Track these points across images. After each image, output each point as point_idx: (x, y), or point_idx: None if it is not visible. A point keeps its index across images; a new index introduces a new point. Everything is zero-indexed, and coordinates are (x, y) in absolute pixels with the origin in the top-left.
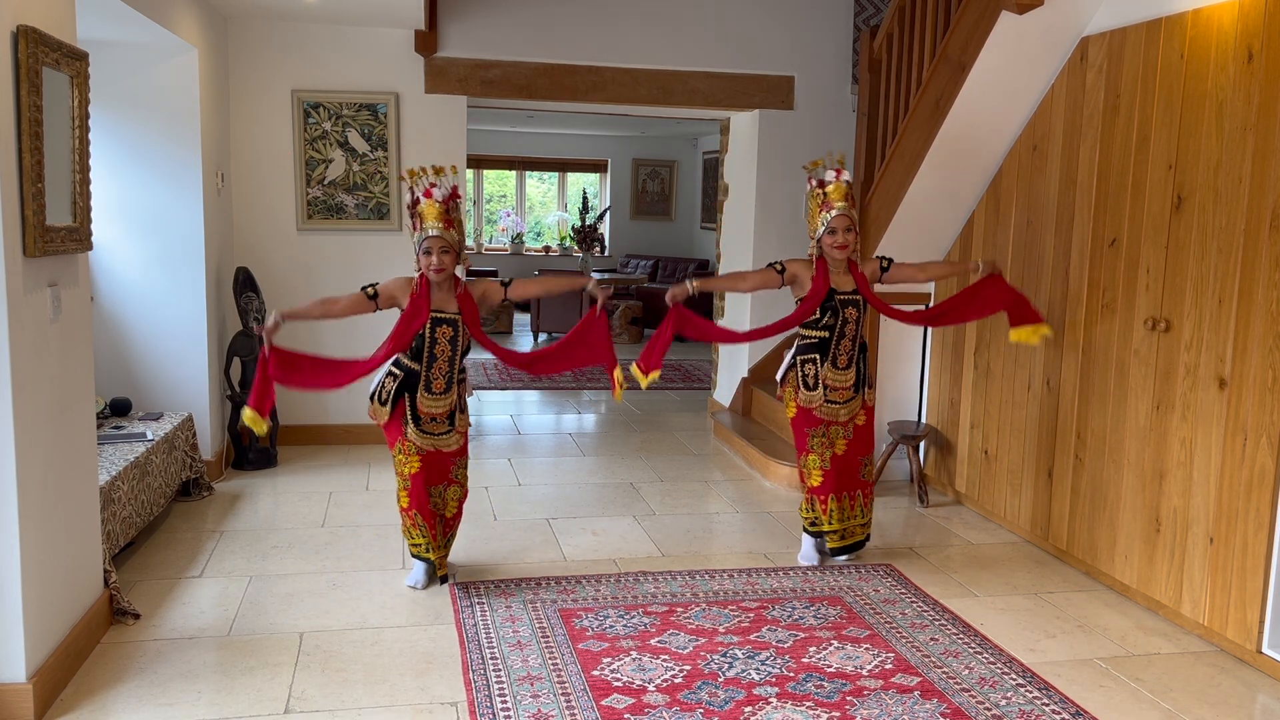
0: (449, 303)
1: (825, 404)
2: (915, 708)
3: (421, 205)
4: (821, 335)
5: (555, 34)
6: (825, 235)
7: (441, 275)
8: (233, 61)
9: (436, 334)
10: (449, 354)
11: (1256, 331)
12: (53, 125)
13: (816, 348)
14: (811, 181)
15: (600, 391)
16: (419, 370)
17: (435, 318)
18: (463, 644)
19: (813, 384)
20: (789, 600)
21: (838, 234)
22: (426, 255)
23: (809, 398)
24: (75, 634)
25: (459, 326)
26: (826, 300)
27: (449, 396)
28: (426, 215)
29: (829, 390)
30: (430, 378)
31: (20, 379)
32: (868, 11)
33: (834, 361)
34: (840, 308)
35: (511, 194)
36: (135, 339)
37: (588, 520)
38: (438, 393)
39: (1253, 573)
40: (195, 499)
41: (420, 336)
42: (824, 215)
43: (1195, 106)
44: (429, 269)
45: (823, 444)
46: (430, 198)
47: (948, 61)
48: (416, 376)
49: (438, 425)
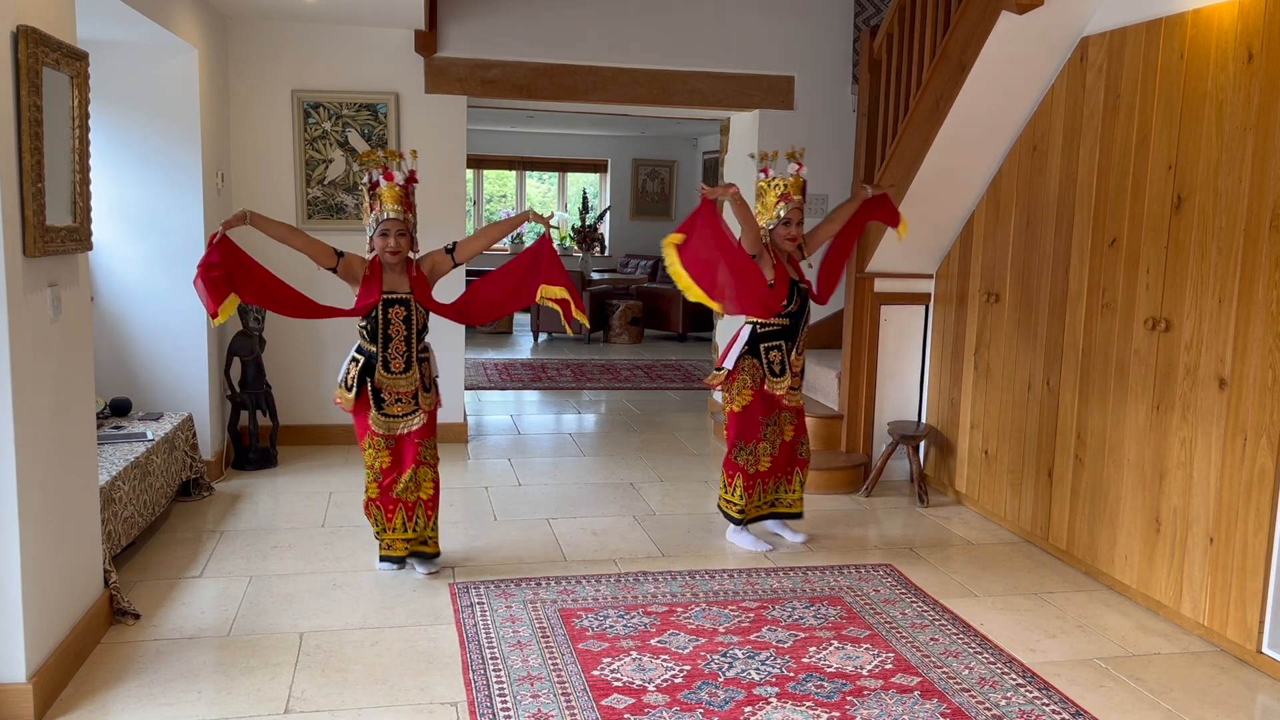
0: (401, 283)
1: (790, 391)
2: (915, 708)
3: (381, 187)
4: (782, 323)
5: (555, 34)
6: (780, 225)
7: (396, 258)
8: (233, 61)
9: (390, 314)
10: (404, 333)
11: (1256, 331)
12: (53, 125)
13: (780, 335)
14: (767, 172)
15: (600, 391)
16: (376, 352)
17: (387, 299)
18: (463, 644)
19: (779, 370)
20: (789, 600)
21: (792, 225)
22: (383, 237)
23: (776, 384)
24: (75, 634)
25: (412, 305)
26: (791, 289)
27: (410, 375)
28: (385, 198)
29: (793, 376)
30: (388, 357)
31: (20, 379)
32: (868, 11)
33: (797, 348)
34: (802, 295)
35: (511, 194)
36: (135, 339)
37: (588, 520)
38: (397, 371)
39: (1253, 573)
40: (195, 499)
41: (373, 318)
42: (782, 206)
43: (1195, 106)
44: (384, 250)
45: (774, 432)
46: (390, 180)
47: (948, 61)
48: (375, 358)
49: (402, 405)
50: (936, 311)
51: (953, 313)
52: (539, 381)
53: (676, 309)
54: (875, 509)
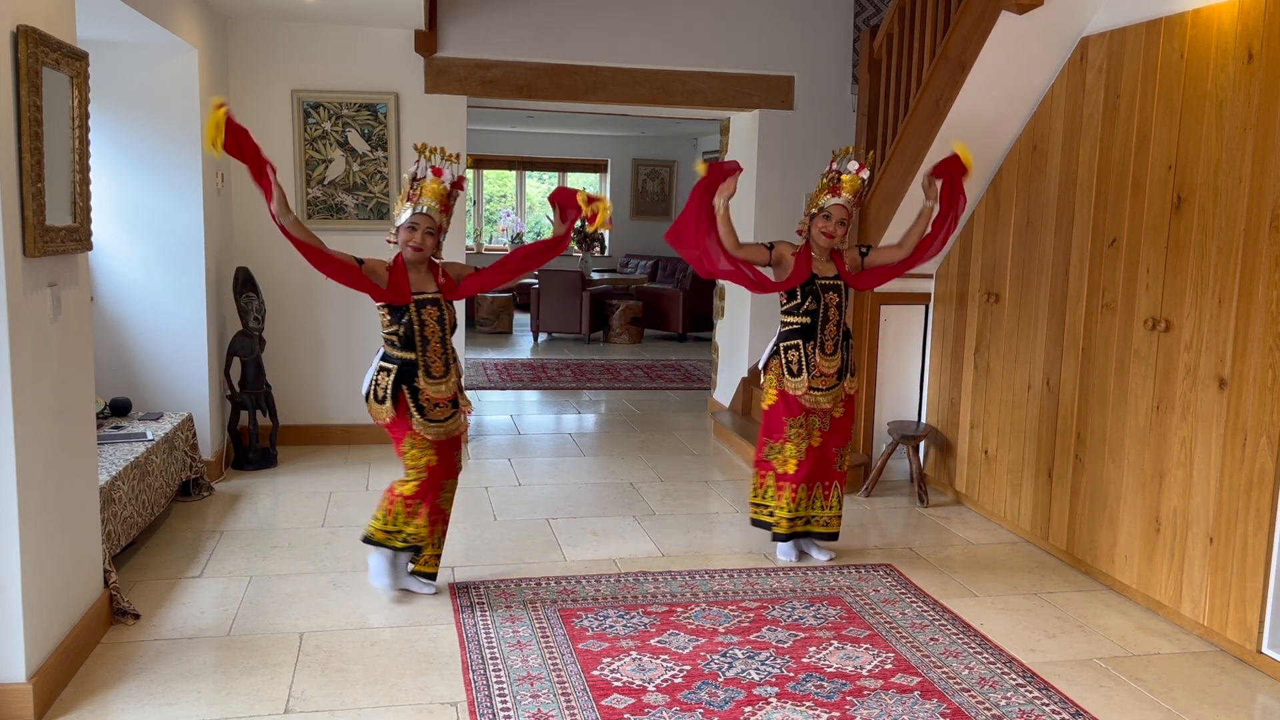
0: (427, 283)
1: (810, 391)
2: (915, 708)
3: (427, 180)
4: (803, 321)
5: (555, 34)
6: (819, 218)
7: (419, 255)
8: (233, 61)
9: (424, 315)
10: (439, 334)
11: (1256, 331)
12: (53, 125)
13: (799, 334)
14: (833, 165)
15: (600, 391)
16: (414, 359)
17: (419, 300)
18: (463, 644)
19: (797, 370)
20: (789, 600)
21: (831, 221)
22: (411, 230)
23: (794, 384)
24: (75, 634)
25: (442, 304)
26: (808, 284)
27: (450, 378)
28: (427, 191)
29: (814, 376)
30: (428, 362)
31: (20, 379)
32: (868, 11)
33: (821, 348)
34: (821, 292)
35: (511, 194)
36: (135, 339)
37: (588, 520)
38: (438, 376)
39: (1253, 573)
40: (195, 499)
41: (407, 323)
42: (826, 198)
43: (1195, 106)
44: (407, 244)
45: (800, 434)
46: (439, 176)
47: (948, 61)
48: (412, 366)
49: (442, 410)
50: (936, 311)
51: (953, 313)
52: (539, 381)
53: (676, 309)
54: (875, 509)
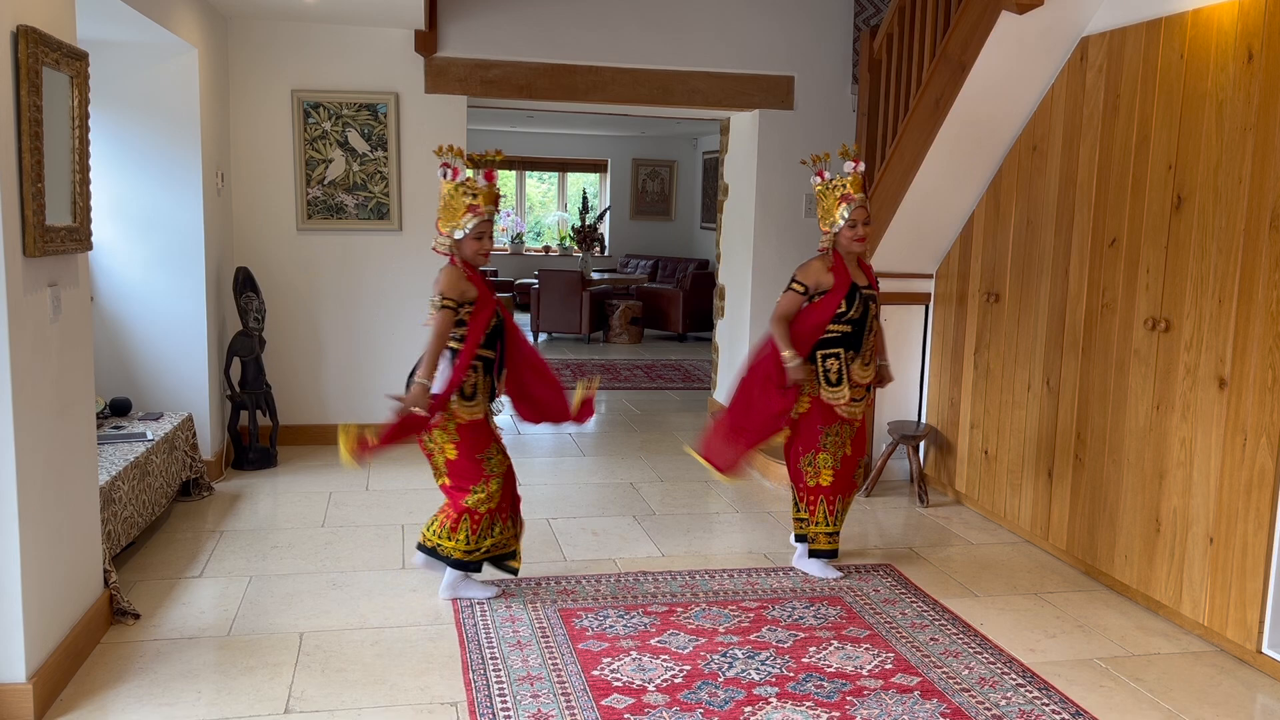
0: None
1: (851, 402)
2: (915, 708)
3: (482, 186)
4: (844, 330)
5: (555, 34)
6: (845, 228)
7: (488, 259)
8: (233, 61)
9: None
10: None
11: (1256, 331)
12: (53, 125)
13: (839, 343)
14: (823, 175)
15: (600, 391)
16: (494, 357)
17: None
18: (463, 644)
19: (836, 379)
20: (789, 600)
21: (858, 226)
22: (478, 240)
23: (832, 395)
24: (75, 634)
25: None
26: (851, 293)
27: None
28: (485, 198)
29: (853, 387)
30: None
31: (20, 379)
32: (868, 11)
33: (862, 358)
34: (863, 300)
35: (511, 194)
36: (135, 339)
37: (588, 520)
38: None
39: (1253, 573)
40: (195, 499)
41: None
42: (844, 208)
43: (1195, 106)
44: (479, 253)
45: (836, 443)
46: (492, 181)
47: (948, 61)
48: (492, 364)
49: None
50: (936, 311)
51: (953, 313)
52: None
53: (676, 309)
54: (875, 509)
